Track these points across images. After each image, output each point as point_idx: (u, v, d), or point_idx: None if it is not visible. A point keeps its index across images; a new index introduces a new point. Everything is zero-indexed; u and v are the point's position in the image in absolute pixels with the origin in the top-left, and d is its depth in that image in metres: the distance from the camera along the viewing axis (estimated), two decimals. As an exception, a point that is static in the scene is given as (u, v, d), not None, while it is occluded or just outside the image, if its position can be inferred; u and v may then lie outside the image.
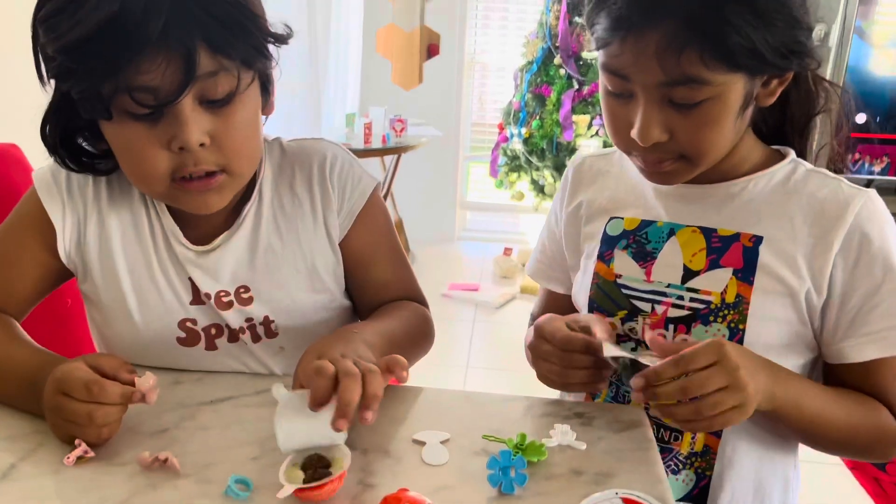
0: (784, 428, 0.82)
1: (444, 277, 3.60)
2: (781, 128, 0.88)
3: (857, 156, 4.01)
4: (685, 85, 0.72)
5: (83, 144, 0.81)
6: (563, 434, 0.75)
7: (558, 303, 1.02)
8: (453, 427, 0.76)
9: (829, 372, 0.86)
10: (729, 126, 0.76)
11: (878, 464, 1.92)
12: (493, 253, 3.92)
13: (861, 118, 0.94)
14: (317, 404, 0.65)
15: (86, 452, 0.68)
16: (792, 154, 0.86)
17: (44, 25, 0.69)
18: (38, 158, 1.34)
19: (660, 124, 0.75)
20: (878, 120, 3.46)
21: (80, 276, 0.88)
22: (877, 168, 3.69)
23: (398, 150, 3.57)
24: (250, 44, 0.73)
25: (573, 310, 0.97)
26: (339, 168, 0.90)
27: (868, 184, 3.07)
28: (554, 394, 1.02)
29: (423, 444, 0.73)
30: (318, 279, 0.90)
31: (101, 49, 0.67)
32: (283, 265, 0.88)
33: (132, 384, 0.69)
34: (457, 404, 0.83)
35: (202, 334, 0.87)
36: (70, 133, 0.79)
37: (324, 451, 0.67)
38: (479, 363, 2.78)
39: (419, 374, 0.90)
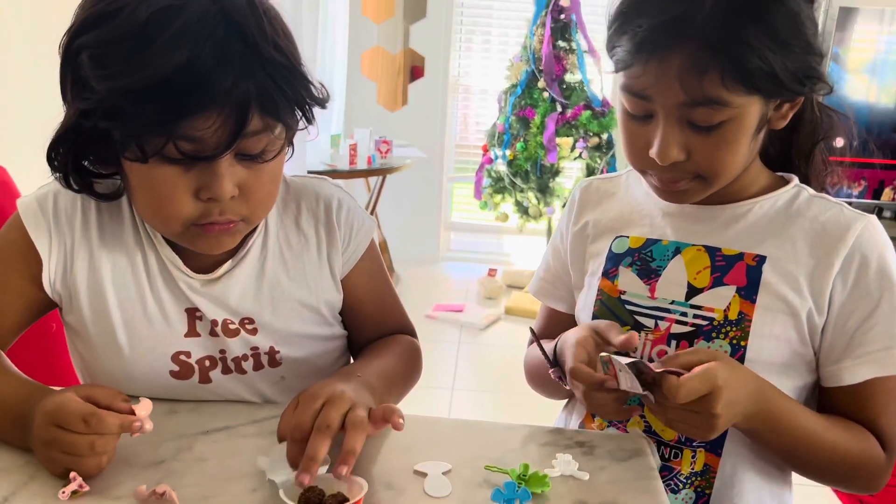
0: (766, 445, 0.83)
1: (429, 298, 3.59)
2: (787, 153, 0.91)
3: (835, 179, 4.09)
4: (705, 106, 0.74)
5: (87, 166, 0.77)
6: (565, 464, 0.74)
7: (559, 320, 1.03)
8: (454, 457, 0.76)
9: (823, 397, 0.87)
10: (744, 147, 0.79)
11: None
12: (478, 274, 3.93)
13: (839, 142, 0.96)
14: (292, 464, 0.67)
15: (81, 486, 0.66)
16: (795, 180, 0.88)
17: (92, 55, 0.66)
18: (24, 181, 1.32)
19: (679, 144, 0.77)
20: (853, 144, 3.53)
21: (66, 307, 0.85)
22: (854, 191, 3.77)
23: (383, 172, 3.57)
24: (302, 108, 0.74)
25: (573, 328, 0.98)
26: (345, 211, 0.91)
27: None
28: (553, 420, 1.02)
29: (424, 475, 0.72)
30: (318, 312, 0.90)
31: (161, 100, 0.64)
32: (289, 298, 0.88)
33: (130, 412, 0.67)
34: (457, 433, 0.82)
35: (196, 367, 0.85)
36: (82, 157, 0.76)
37: (329, 483, 0.66)
38: (464, 385, 2.76)
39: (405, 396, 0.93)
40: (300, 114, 0.75)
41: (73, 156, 0.75)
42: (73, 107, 0.70)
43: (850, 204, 0.86)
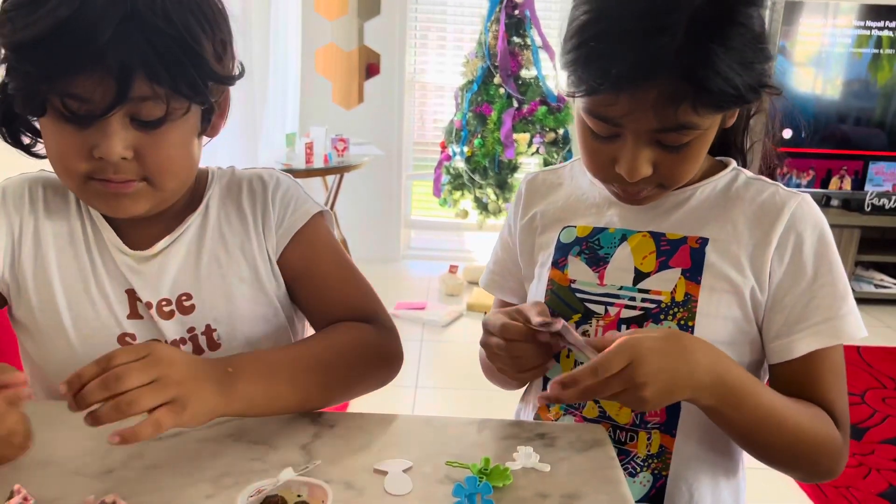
0: (729, 425, 0.80)
1: (391, 296, 3.57)
2: (725, 139, 0.92)
3: (783, 169, 4.20)
4: (677, 131, 0.75)
5: (30, 123, 0.81)
6: (526, 456, 0.74)
7: None
8: (415, 454, 0.75)
9: (773, 379, 0.88)
10: (704, 154, 0.81)
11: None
12: (439, 271, 3.92)
13: (787, 133, 0.98)
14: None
15: (26, 500, 0.63)
16: (733, 163, 0.91)
17: (6, 17, 0.70)
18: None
19: (648, 162, 0.79)
20: (802, 135, 3.62)
21: (14, 300, 0.85)
22: (803, 181, 3.87)
23: (340, 170, 3.54)
24: (186, 81, 0.73)
25: None
26: (283, 190, 0.92)
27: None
28: (512, 414, 1.02)
29: (385, 473, 0.71)
30: (261, 290, 0.90)
31: (43, 55, 0.68)
32: (228, 273, 0.88)
33: (21, 383, 0.64)
34: (417, 429, 0.81)
35: None
36: (11, 115, 0.79)
37: (291, 489, 0.65)
38: (428, 383, 2.76)
39: (368, 394, 0.90)
40: (199, 89, 0.75)
41: (3, 112, 0.78)
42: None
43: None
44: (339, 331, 0.88)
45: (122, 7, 0.68)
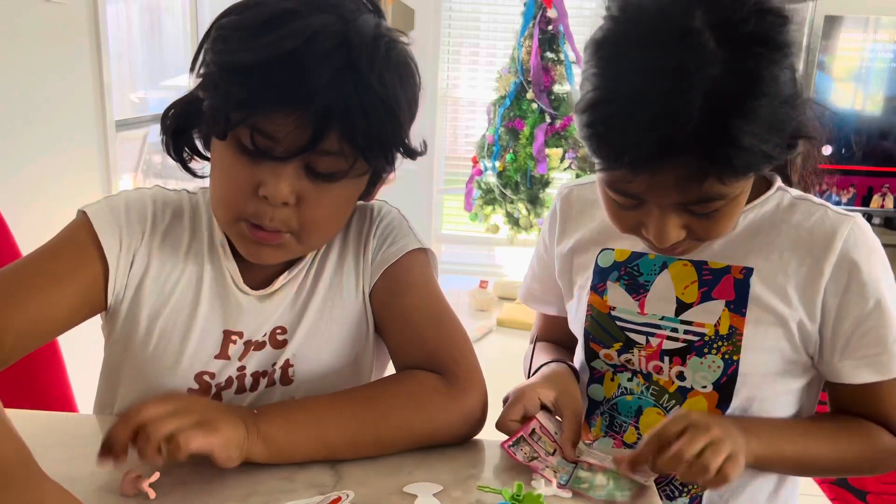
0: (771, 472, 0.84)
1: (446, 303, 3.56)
2: None
3: (823, 187, 4.10)
4: (704, 203, 0.72)
5: (194, 140, 0.81)
6: (546, 484, 0.72)
7: (554, 324, 1.04)
8: (445, 477, 0.73)
9: (831, 391, 0.87)
10: (740, 210, 0.77)
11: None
12: (469, 286, 3.91)
13: (827, 150, 0.95)
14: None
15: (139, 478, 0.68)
16: (778, 181, 0.86)
17: (220, 34, 0.70)
18: (6, 196, 1.29)
19: (677, 227, 0.75)
20: (842, 152, 3.55)
21: (112, 313, 0.83)
22: (843, 199, 3.78)
23: (372, 184, 3.55)
24: (380, 147, 0.73)
25: (567, 328, 0.99)
26: (386, 222, 0.89)
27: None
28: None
29: (414, 497, 0.70)
30: (351, 331, 0.86)
31: (254, 82, 0.67)
32: (325, 312, 0.85)
33: None
34: (447, 452, 0.79)
35: (213, 388, 0.83)
36: (187, 127, 0.80)
37: None
38: (457, 399, 2.74)
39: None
40: (387, 157, 0.75)
41: (178, 122, 0.79)
42: (194, 79, 0.75)
43: (837, 211, 0.84)
44: (392, 380, 0.81)
45: (342, 56, 0.67)
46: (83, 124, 2.14)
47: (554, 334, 1.06)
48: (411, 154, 0.78)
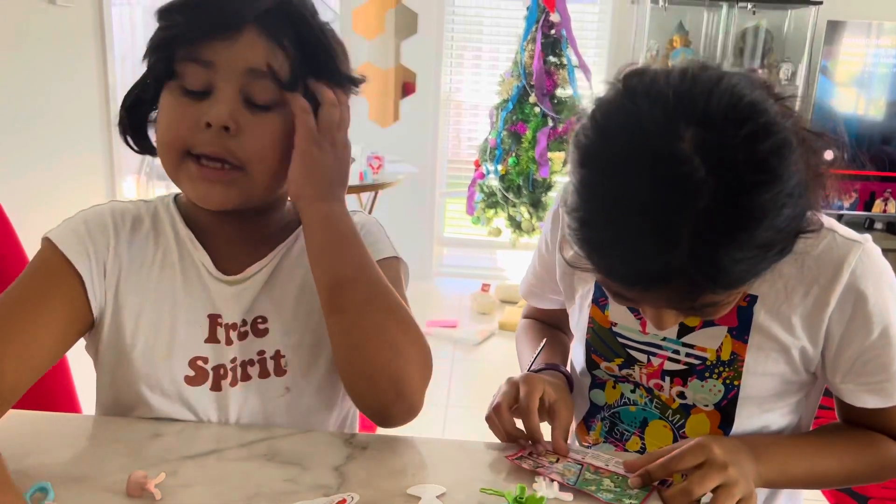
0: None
1: (422, 314, 3.56)
2: None
3: (827, 193, 4.10)
4: (700, 311, 0.71)
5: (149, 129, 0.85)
6: (547, 486, 0.72)
7: (551, 314, 1.06)
8: (449, 479, 0.73)
9: (840, 403, 0.87)
10: (736, 302, 0.76)
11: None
12: (471, 289, 3.91)
13: (828, 155, 0.95)
14: None
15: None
16: None
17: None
18: (11, 199, 1.30)
19: (674, 318, 0.74)
20: (844, 156, 3.54)
21: (100, 326, 0.84)
22: (846, 203, 3.77)
23: (376, 187, 3.56)
24: (309, 65, 0.79)
25: (565, 320, 1.00)
26: (367, 230, 0.91)
27: (839, 218, 3.15)
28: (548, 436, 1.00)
29: (418, 499, 0.70)
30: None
31: (187, 15, 0.76)
32: (307, 302, 0.86)
33: None
34: (450, 454, 0.80)
35: (210, 373, 0.84)
36: (142, 111, 0.84)
37: None
38: (459, 402, 2.74)
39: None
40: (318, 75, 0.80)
41: (132, 107, 0.83)
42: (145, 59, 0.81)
43: (841, 217, 0.84)
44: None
45: None
46: (88, 126, 2.15)
47: (548, 317, 1.09)
48: (353, 80, 0.85)
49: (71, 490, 0.69)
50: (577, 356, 0.98)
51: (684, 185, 0.59)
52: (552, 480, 0.73)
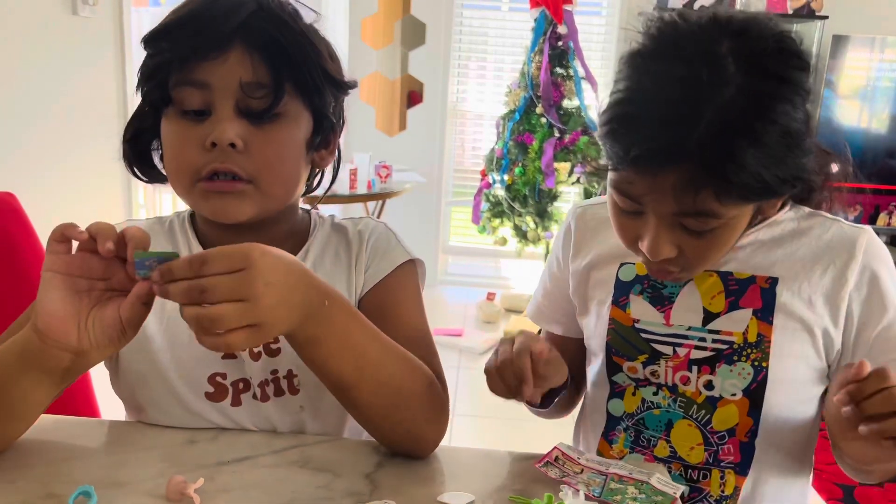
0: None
1: (428, 322, 3.58)
2: None
3: (830, 205, 4.13)
4: (699, 217, 0.74)
5: (153, 157, 0.87)
6: (573, 495, 0.74)
7: (556, 344, 1.01)
8: (478, 487, 0.75)
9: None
10: (734, 242, 0.81)
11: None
12: (476, 298, 3.93)
13: (833, 167, 0.98)
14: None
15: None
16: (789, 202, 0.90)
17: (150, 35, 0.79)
18: (34, 207, 1.32)
19: (670, 243, 0.77)
20: (849, 171, 3.56)
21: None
22: (850, 216, 3.80)
23: (383, 196, 3.59)
24: (301, 72, 0.79)
25: (571, 350, 1.01)
26: (376, 237, 0.92)
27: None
28: (550, 443, 1.02)
29: (449, 505, 0.72)
30: None
31: (174, 40, 0.77)
32: None
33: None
34: (478, 463, 0.82)
35: (230, 389, 0.86)
36: (143, 140, 0.85)
37: None
38: (465, 410, 2.75)
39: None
40: (311, 83, 0.80)
41: (133, 138, 0.85)
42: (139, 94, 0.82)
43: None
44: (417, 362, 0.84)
45: (255, 5, 0.78)
46: (107, 133, 2.17)
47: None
48: (342, 85, 0.85)
49: (112, 494, 0.71)
50: (591, 371, 0.99)
51: (714, 72, 0.69)
52: (577, 490, 0.75)
